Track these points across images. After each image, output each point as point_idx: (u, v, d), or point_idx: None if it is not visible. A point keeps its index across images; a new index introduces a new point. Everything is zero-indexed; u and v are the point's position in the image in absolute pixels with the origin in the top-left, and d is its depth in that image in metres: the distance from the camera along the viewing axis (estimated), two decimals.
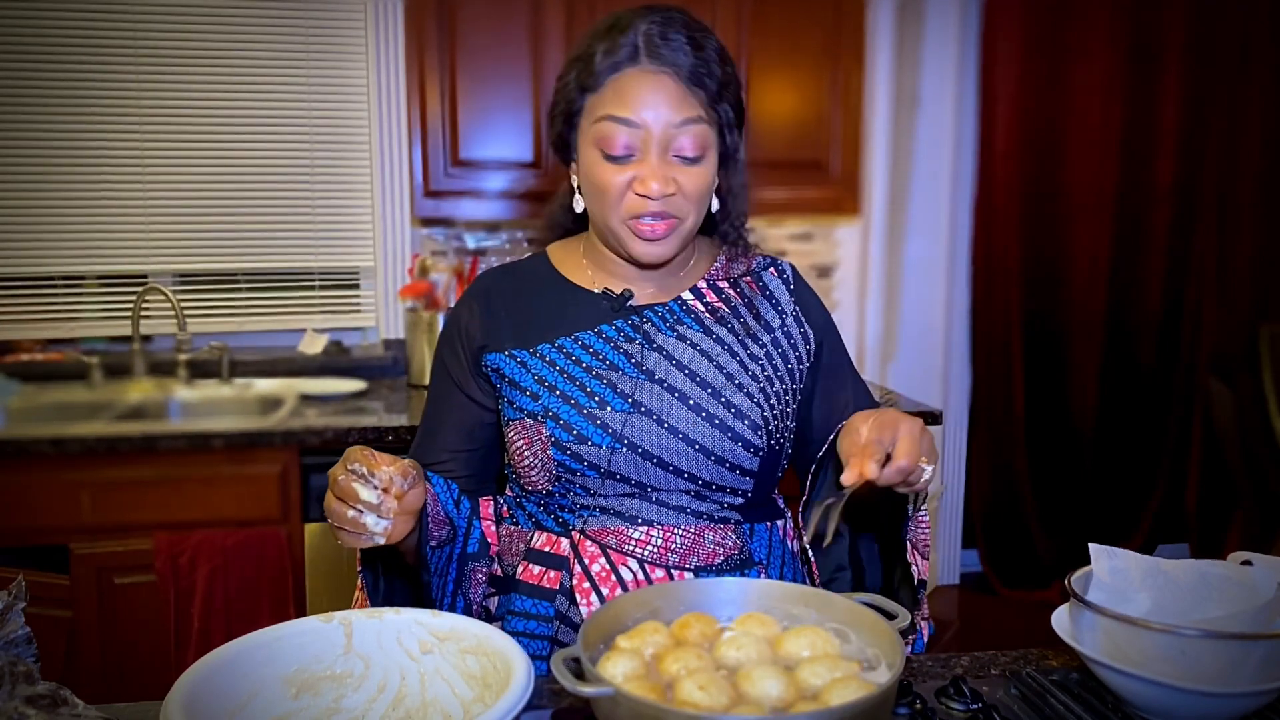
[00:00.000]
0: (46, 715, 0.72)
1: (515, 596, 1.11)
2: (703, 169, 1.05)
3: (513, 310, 1.14)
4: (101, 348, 2.66)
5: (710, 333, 1.12)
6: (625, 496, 1.08)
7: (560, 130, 1.10)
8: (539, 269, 1.18)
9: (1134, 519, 3.43)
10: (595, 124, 1.04)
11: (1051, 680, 0.91)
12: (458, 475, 1.17)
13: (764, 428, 1.08)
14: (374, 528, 0.87)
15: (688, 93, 1.02)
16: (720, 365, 1.09)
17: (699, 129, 1.03)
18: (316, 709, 0.81)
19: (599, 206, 1.07)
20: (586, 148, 1.06)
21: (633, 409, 1.06)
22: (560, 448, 1.06)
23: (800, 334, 1.16)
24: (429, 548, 1.04)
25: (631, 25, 1.03)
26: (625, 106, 1.02)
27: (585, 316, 1.12)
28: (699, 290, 1.15)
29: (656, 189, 1.02)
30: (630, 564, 1.06)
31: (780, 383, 1.11)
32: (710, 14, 2.49)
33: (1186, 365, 3.33)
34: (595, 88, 1.04)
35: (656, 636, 0.81)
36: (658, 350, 1.10)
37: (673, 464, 1.06)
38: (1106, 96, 3.15)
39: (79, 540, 2.05)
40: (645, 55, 1.02)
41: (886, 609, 0.82)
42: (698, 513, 1.08)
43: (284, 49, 2.66)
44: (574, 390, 1.07)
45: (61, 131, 2.56)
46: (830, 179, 2.64)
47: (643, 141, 1.02)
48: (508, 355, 1.11)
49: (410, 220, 2.76)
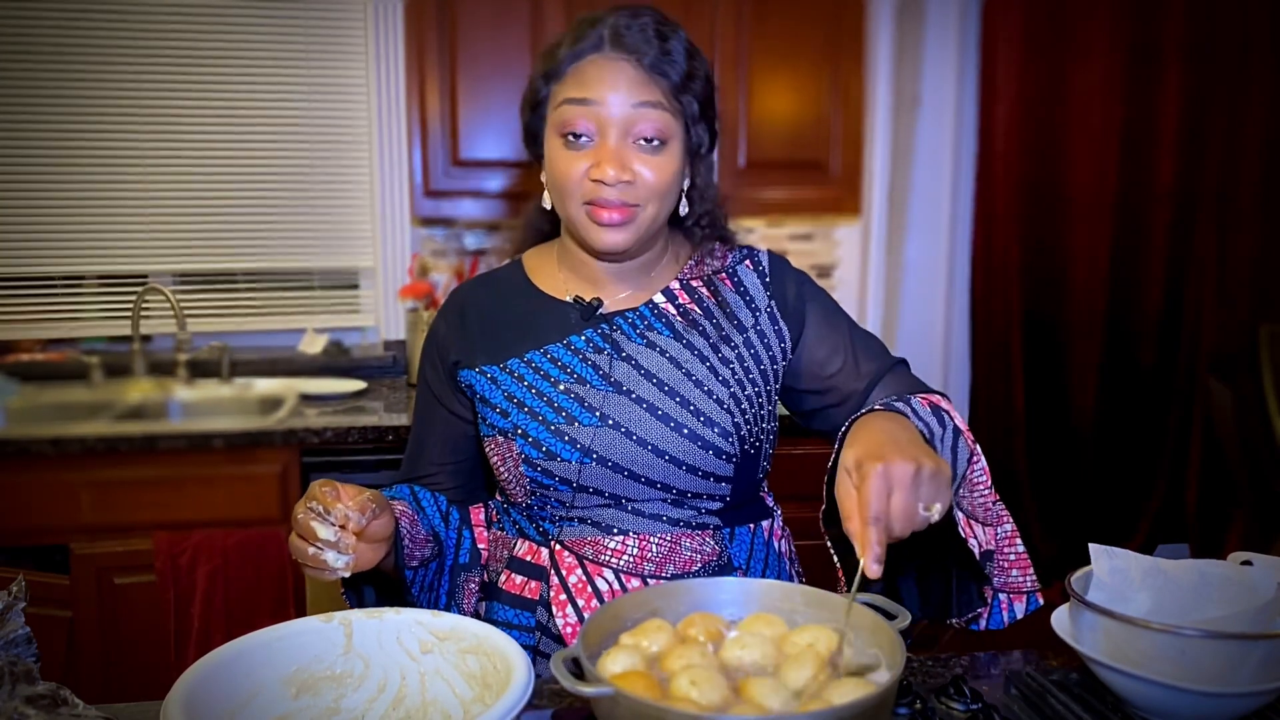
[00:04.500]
0: (46, 715, 0.72)
1: (497, 605, 1.11)
2: (663, 159, 1.03)
3: (485, 324, 1.14)
4: (101, 348, 2.66)
5: (680, 338, 1.10)
6: (601, 507, 1.07)
7: (528, 121, 1.11)
8: (512, 278, 1.17)
9: (1134, 519, 3.43)
10: (556, 109, 1.04)
11: (1051, 680, 0.91)
12: (446, 487, 1.17)
13: (735, 434, 1.06)
14: (334, 563, 0.89)
15: (648, 78, 1.02)
16: (689, 373, 1.08)
17: (657, 114, 1.02)
18: (316, 709, 0.81)
19: (559, 196, 1.06)
20: (550, 138, 1.06)
21: (601, 423, 1.05)
22: (530, 464, 1.06)
23: (774, 331, 1.13)
24: (410, 569, 1.04)
25: (600, 20, 1.04)
26: (583, 88, 1.02)
27: (554, 327, 1.11)
28: (671, 292, 1.13)
29: (612, 174, 1.00)
30: (606, 574, 1.06)
31: (753, 385, 1.09)
32: (710, 14, 2.49)
33: (1186, 365, 3.33)
34: (558, 76, 1.05)
35: (660, 634, 0.81)
36: (626, 360, 1.08)
37: (644, 475, 1.05)
38: (1107, 96, 3.14)
39: (79, 540, 2.04)
40: (609, 43, 1.02)
41: (887, 609, 0.82)
42: (675, 520, 1.07)
43: (284, 49, 2.66)
44: (542, 406, 1.07)
45: (61, 131, 2.56)
46: (830, 179, 2.64)
47: (600, 124, 1.02)
48: (479, 371, 1.11)
49: (410, 220, 2.76)
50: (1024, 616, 1.00)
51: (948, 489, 0.81)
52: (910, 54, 3.05)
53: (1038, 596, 1.01)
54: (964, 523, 0.91)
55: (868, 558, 0.76)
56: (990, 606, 0.99)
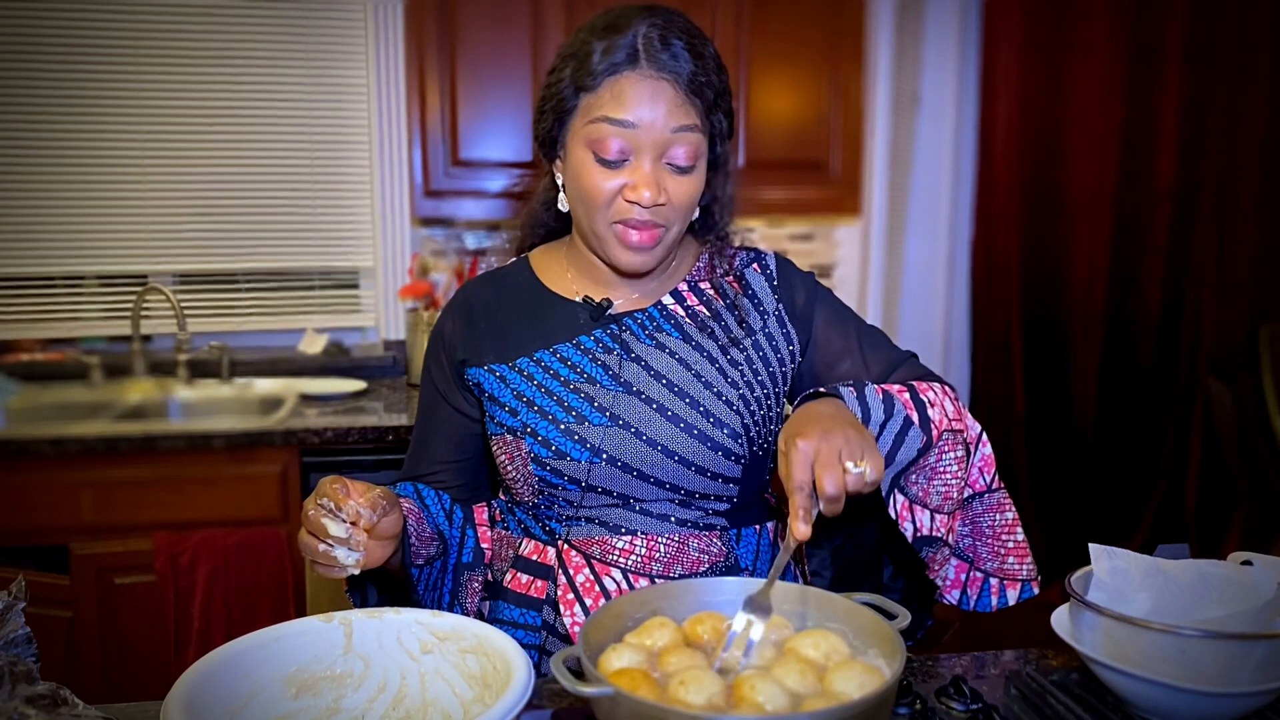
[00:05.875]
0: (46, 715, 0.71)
1: (502, 604, 1.11)
2: (692, 179, 1.04)
3: (493, 322, 1.13)
4: (101, 348, 2.66)
5: (690, 340, 1.10)
6: (609, 507, 1.07)
7: (549, 127, 1.07)
8: (520, 277, 1.17)
9: (1134, 519, 3.43)
10: (589, 124, 1.01)
11: (1051, 680, 0.91)
12: (450, 485, 1.17)
13: (744, 435, 1.06)
14: (345, 560, 0.89)
15: (686, 100, 1.01)
16: (699, 374, 1.08)
17: (693, 138, 1.02)
18: (316, 709, 0.81)
19: (585, 210, 1.05)
20: (577, 148, 1.04)
21: (611, 422, 1.05)
22: (539, 463, 1.06)
23: (783, 334, 1.14)
24: (416, 567, 1.05)
25: (630, 26, 1.01)
26: (622, 108, 1.00)
27: (564, 327, 1.11)
28: (680, 293, 1.14)
29: (648, 198, 1.00)
30: (614, 574, 1.06)
31: (761, 387, 1.10)
32: (710, 14, 2.49)
33: (1186, 365, 3.33)
34: (592, 88, 1.01)
35: (664, 632, 0.81)
36: (636, 361, 1.08)
37: (653, 476, 1.05)
38: (1107, 96, 3.14)
39: (79, 540, 2.04)
40: (645, 59, 1.00)
41: (886, 609, 0.82)
42: (683, 520, 1.07)
43: (284, 49, 2.66)
44: (552, 405, 1.06)
45: (61, 131, 2.56)
46: (830, 179, 2.64)
47: (636, 146, 1.00)
48: (487, 370, 1.11)
49: (410, 220, 2.76)
50: (1016, 604, 1.03)
51: (875, 452, 0.84)
52: (910, 54, 3.05)
53: (1033, 585, 1.04)
54: (903, 505, 0.96)
55: (792, 519, 0.81)
56: (981, 588, 1.03)
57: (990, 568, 1.03)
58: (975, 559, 1.03)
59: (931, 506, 0.97)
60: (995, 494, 1.04)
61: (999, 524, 1.03)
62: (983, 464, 1.03)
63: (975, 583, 1.03)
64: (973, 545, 1.03)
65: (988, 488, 1.03)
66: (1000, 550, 1.03)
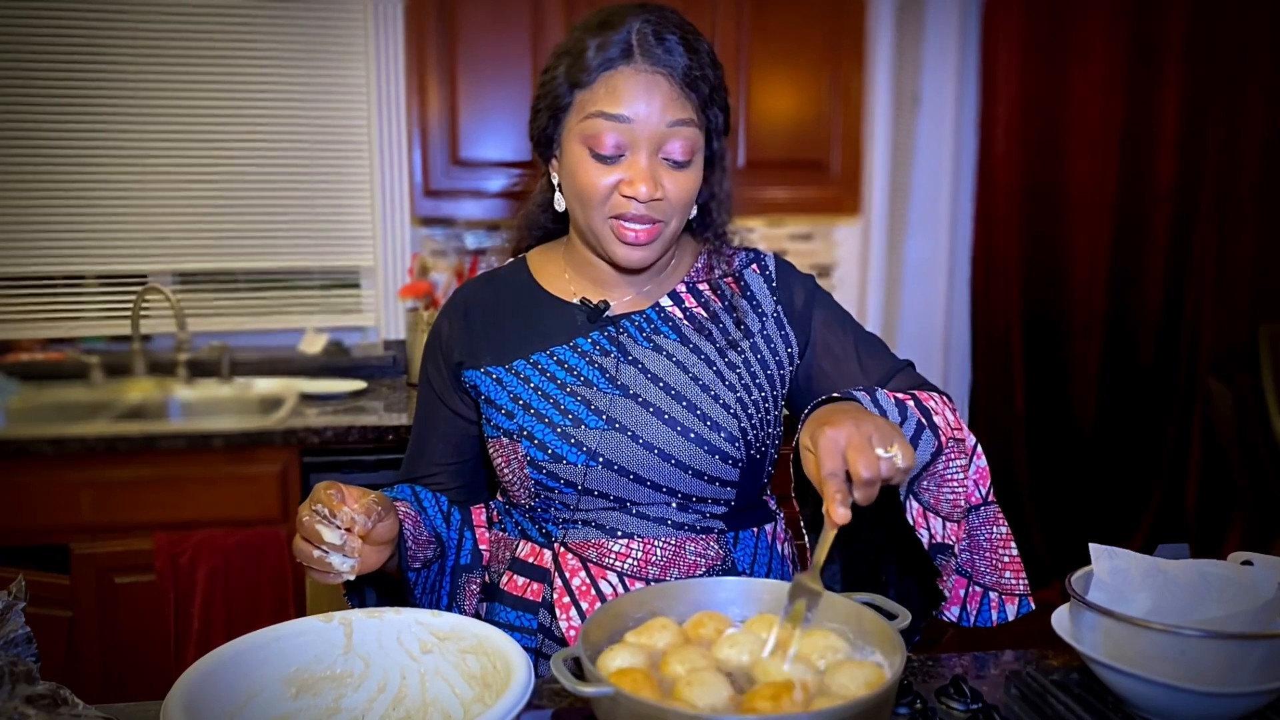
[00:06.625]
0: (46, 715, 0.71)
1: (499, 607, 1.11)
2: (689, 174, 1.03)
3: (490, 324, 1.13)
4: (101, 347, 2.66)
5: (687, 342, 1.10)
6: (605, 510, 1.07)
7: (544, 125, 1.07)
8: (517, 278, 1.16)
9: (1134, 519, 3.43)
10: (584, 120, 1.01)
11: (1051, 680, 0.91)
12: (448, 487, 1.17)
13: (741, 439, 1.06)
14: (340, 566, 0.89)
15: (681, 94, 1.01)
16: (696, 377, 1.07)
17: (689, 132, 1.02)
18: (316, 709, 0.81)
19: (582, 206, 1.04)
20: (572, 144, 1.03)
21: (608, 426, 1.05)
22: (536, 466, 1.05)
23: (781, 336, 1.13)
24: (413, 570, 1.04)
25: (624, 22, 1.01)
26: (617, 103, 0.99)
27: (561, 329, 1.11)
28: (678, 295, 1.13)
29: (645, 192, 1.00)
30: (610, 577, 1.06)
31: (759, 390, 1.09)
32: (710, 14, 2.49)
33: (1186, 365, 3.33)
34: (586, 84, 1.01)
35: (665, 633, 0.81)
36: (633, 363, 1.08)
37: (650, 479, 1.05)
38: (1107, 96, 3.14)
39: (79, 540, 2.04)
40: (640, 53, 1.00)
41: (887, 609, 0.82)
42: (680, 524, 1.07)
43: (284, 49, 2.66)
44: (549, 409, 1.06)
45: (61, 131, 2.56)
46: (830, 179, 2.64)
47: (632, 141, 1.00)
48: (484, 372, 1.11)
49: (410, 220, 2.76)
50: (1015, 619, 1.01)
51: (905, 440, 0.83)
52: (910, 54, 3.05)
53: (1029, 601, 1.02)
54: (918, 512, 0.93)
55: (830, 504, 0.78)
56: (980, 603, 1.01)
57: (989, 581, 1.01)
58: (973, 573, 1.01)
59: (943, 514, 0.96)
60: (990, 507, 1.02)
61: (995, 537, 1.02)
62: (979, 476, 1.02)
63: (975, 598, 1.01)
64: (970, 559, 1.02)
65: (984, 500, 1.02)
66: (997, 564, 1.01)
